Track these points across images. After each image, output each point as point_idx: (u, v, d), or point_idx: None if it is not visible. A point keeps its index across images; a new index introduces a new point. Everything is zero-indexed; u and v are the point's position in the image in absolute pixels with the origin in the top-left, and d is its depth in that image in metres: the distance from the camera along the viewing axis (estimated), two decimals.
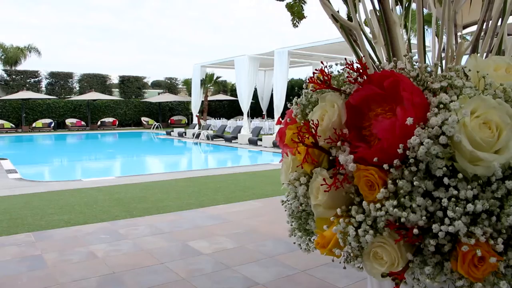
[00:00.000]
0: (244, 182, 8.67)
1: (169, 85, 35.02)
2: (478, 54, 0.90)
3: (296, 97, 1.01)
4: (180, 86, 35.42)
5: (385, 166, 0.76)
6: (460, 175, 0.73)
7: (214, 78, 27.59)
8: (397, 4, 1.05)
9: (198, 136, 20.49)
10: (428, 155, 0.72)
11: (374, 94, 0.78)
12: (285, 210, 1.03)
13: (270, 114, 25.44)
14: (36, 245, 4.60)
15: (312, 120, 0.84)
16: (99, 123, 29.96)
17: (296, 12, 1.03)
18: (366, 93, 0.79)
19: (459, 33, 1.09)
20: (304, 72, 32.87)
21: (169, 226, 5.33)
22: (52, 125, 27.99)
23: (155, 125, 29.24)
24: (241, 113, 21.49)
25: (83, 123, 29.13)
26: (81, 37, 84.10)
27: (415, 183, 0.72)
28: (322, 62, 0.92)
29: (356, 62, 0.83)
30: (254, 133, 18.76)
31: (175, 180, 8.96)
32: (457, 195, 0.73)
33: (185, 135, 22.58)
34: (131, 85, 32.89)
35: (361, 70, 0.78)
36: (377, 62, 0.99)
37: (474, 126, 0.74)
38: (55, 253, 4.34)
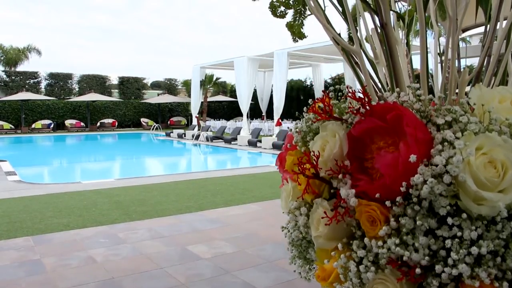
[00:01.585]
0: (244, 185, 8.66)
1: (168, 86, 35.01)
2: (482, 83, 0.89)
3: (296, 122, 1.00)
4: (179, 87, 35.40)
5: (388, 203, 0.75)
6: (464, 215, 0.72)
7: (214, 79, 27.58)
8: (398, 20, 1.04)
9: (197, 137, 20.47)
10: (431, 193, 0.71)
11: (376, 126, 0.77)
12: (285, 236, 1.02)
13: (270, 115, 25.43)
14: (35, 249, 4.59)
15: (313, 151, 0.83)
16: (98, 124, 29.93)
17: (296, 32, 1.03)
18: (368, 126, 0.78)
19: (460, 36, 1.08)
20: (303, 73, 32.84)
21: (168, 230, 5.32)
22: (52, 126, 27.96)
23: (154, 126, 29.22)
24: (241, 114, 21.49)
25: (82, 124, 29.10)
26: (81, 38, 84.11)
27: (418, 222, 0.71)
28: (323, 91, 0.92)
29: (359, 91, 0.82)
30: (253, 135, 18.76)
31: (174, 182, 8.95)
32: (461, 236, 0.72)
33: (185, 136, 22.57)
34: (131, 86, 32.88)
35: (363, 100, 0.78)
36: (379, 84, 0.99)
37: (479, 165, 0.74)
38: (54, 257, 4.33)
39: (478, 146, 0.74)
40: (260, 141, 17.51)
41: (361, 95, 0.78)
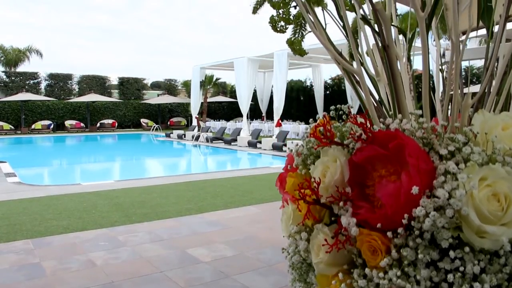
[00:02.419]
0: (243, 186, 8.66)
1: (168, 87, 35.01)
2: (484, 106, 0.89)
3: (296, 144, 0.99)
4: (179, 87, 35.41)
5: (389, 234, 0.74)
6: (466, 248, 0.72)
7: (214, 79, 27.58)
8: (400, 33, 1.04)
9: (197, 138, 20.47)
10: (434, 226, 0.70)
11: (378, 154, 0.77)
12: (285, 258, 1.02)
13: (270, 115, 25.44)
14: (34, 252, 4.58)
15: (314, 178, 0.83)
16: (98, 124, 29.93)
17: (297, 49, 1.02)
18: (370, 154, 0.78)
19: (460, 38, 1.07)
20: (303, 74, 32.87)
21: (168, 232, 5.32)
22: (51, 126, 27.96)
23: (154, 126, 29.23)
24: (241, 115, 21.50)
25: (82, 124, 29.10)
26: (81, 38, 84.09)
27: (419, 255, 0.70)
28: (324, 116, 0.91)
29: (360, 117, 0.82)
30: (253, 136, 18.76)
31: (174, 184, 8.95)
32: (463, 271, 0.71)
33: (185, 137, 22.57)
34: (131, 86, 32.87)
35: (365, 126, 0.77)
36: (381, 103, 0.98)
37: (482, 198, 0.73)
38: (54, 261, 4.32)
39: (481, 178, 0.73)
40: (260, 142, 17.52)
41: (362, 120, 0.77)
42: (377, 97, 1.01)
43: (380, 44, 0.90)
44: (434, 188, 0.73)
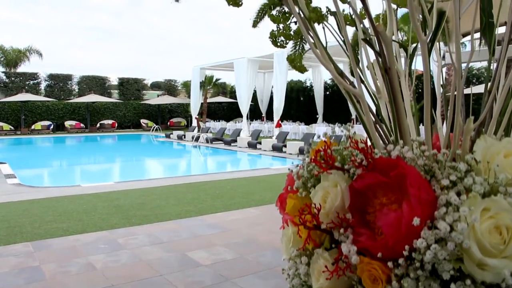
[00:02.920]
0: (243, 188, 8.66)
1: (168, 87, 35.01)
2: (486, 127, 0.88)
3: (296, 165, 0.99)
4: (179, 88, 35.42)
5: (390, 264, 0.73)
6: (468, 281, 0.71)
7: (214, 80, 27.59)
8: (401, 47, 1.03)
9: (197, 139, 20.47)
10: (435, 258, 0.70)
11: (379, 182, 0.76)
12: (286, 279, 1.01)
13: (270, 116, 25.44)
14: (34, 255, 4.58)
15: (315, 204, 0.82)
16: (98, 125, 29.94)
17: (298, 66, 1.02)
18: (371, 182, 0.77)
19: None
20: (303, 74, 32.85)
21: (168, 235, 5.31)
22: (51, 127, 27.97)
23: (154, 127, 29.23)
24: (241, 115, 21.50)
25: (82, 125, 29.10)
26: (81, 38, 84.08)
27: (420, 287, 0.69)
28: (326, 140, 0.91)
29: (361, 142, 0.81)
30: (253, 136, 18.75)
31: (174, 185, 8.95)
32: None
33: (184, 137, 22.56)
34: (130, 87, 32.88)
35: (366, 152, 0.77)
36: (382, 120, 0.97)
37: (484, 231, 0.72)
38: (54, 264, 4.32)
39: (484, 209, 0.72)
40: (260, 143, 17.51)
41: (362, 144, 0.77)
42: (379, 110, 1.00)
43: (381, 65, 0.89)
44: (436, 219, 0.72)
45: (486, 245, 0.71)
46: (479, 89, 13.91)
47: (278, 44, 0.99)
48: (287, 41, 0.99)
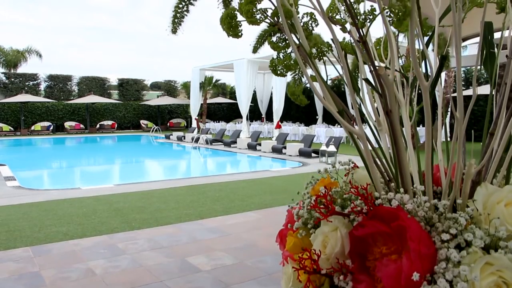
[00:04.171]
0: (243, 191, 8.65)
1: (168, 88, 35.02)
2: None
3: (296, 203, 0.98)
4: (179, 88, 35.44)
5: None
6: None
7: (213, 81, 27.61)
8: (402, 77, 1.02)
9: (197, 140, 20.47)
10: None
11: (379, 231, 0.76)
12: None
13: (270, 117, 25.44)
14: (34, 260, 4.57)
15: (314, 250, 0.83)
16: (98, 126, 29.96)
17: (298, 99, 1.02)
18: (371, 231, 0.77)
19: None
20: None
21: (168, 239, 5.31)
22: (51, 128, 27.98)
23: (154, 128, 29.23)
24: (240, 116, 21.51)
25: (82, 126, 29.11)
26: (81, 38, 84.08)
27: None
28: (325, 191, 0.90)
29: (362, 188, 0.81)
30: (253, 138, 18.75)
31: (174, 188, 8.94)
32: None
33: (184, 139, 22.56)
34: (130, 88, 32.89)
35: (366, 200, 0.77)
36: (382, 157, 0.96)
37: None
38: (53, 269, 4.31)
39: (485, 264, 0.72)
40: (260, 144, 17.51)
41: (362, 190, 0.77)
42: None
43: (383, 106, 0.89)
44: (435, 273, 0.72)
45: None
46: (479, 90, 13.90)
47: (278, 72, 0.99)
48: (287, 71, 0.99)
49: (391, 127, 0.85)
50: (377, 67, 0.81)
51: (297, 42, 0.89)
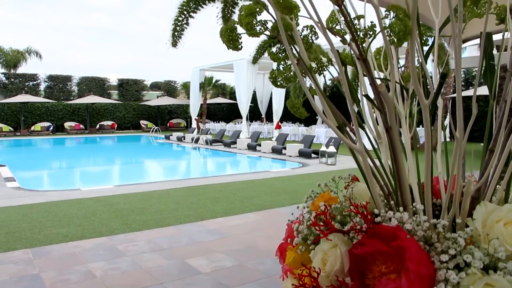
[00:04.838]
0: (243, 192, 8.65)
1: (168, 88, 35.03)
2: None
3: (297, 218, 0.99)
4: (179, 89, 35.45)
5: None
6: None
7: (213, 81, 27.61)
8: (402, 88, 1.02)
9: (197, 140, 20.46)
10: None
11: (379, 251, 0.77)
12: None
13: (269, 117, 25.44)
14: (34, 262, 4.57)
15: (314, 268, 0.83)
16: (98, 126, 29.96)
17: (299, 113, 1.02)
18: (371, 250, 0.78)
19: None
20: None
21: (168, 241, 5.31)
22: (51, 128, 27.98)
23: (154, 128, 29.24)
24: (240, 116, 21.51)
25: (81, 126, 29.12)
26: (80, 39, 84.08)
27: None
28: (325, 208, 0.90)
29: (361, 206, 0.81)
30: (253, 138, 18.75)
31: (173, 189, 8.94)
32: None
33: (184, 139, 22.56)
34: (130, 88, 32.90)
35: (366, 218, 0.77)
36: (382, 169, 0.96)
37: None
38: (53, 272, 4.31)
39: (484, 285, 0.72)
40: (260, 145, 17.51)
41: (361, 206, 0.77)
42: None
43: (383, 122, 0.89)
44: None
45: None
46: (479, 91, 13.89)
47: (278, 84, 0.99)
48: (287, 83, 0.99)
49: (391, 144, 0.85)
50: (378, 85, 0.81)
51: (297, 55, 0.89)
